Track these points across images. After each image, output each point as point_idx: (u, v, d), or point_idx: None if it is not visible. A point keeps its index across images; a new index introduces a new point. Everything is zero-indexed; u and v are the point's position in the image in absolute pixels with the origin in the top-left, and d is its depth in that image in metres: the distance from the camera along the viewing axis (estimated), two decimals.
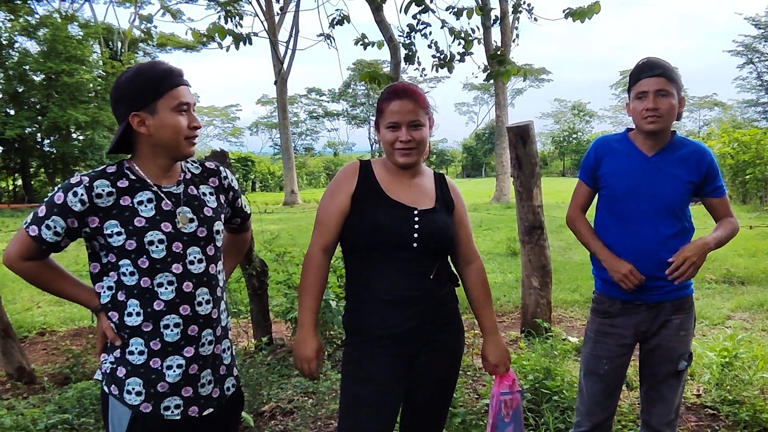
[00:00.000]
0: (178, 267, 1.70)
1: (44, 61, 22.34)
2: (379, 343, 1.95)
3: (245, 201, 2.06)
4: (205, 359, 1.77)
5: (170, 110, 1.68)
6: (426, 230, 1.93)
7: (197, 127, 1.73)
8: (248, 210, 2.08)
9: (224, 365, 1.85)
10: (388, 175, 2.01)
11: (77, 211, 1.62)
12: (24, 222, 1.66)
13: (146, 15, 5.51)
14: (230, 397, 1.88)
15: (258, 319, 4.74)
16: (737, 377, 3.65)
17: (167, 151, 1.72)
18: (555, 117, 60.10)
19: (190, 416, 1.74)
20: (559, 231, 10.58)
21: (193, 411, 1.75)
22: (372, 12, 4.77)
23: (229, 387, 1.87)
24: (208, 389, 1.79)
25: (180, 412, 1.73)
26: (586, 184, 2.43)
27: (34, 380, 4.19)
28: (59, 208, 1.62)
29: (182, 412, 1.73)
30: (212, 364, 1.80)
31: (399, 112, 1.91)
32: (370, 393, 1.93)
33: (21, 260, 1.67)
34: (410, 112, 1.91)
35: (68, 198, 1.61)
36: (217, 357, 1.81)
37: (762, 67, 45.35)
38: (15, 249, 1.66)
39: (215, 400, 1.81)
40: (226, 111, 59.11)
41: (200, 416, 1.76)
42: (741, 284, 7.06)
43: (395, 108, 1.92)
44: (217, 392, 1.82)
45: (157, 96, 1.67)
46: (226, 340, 1.86)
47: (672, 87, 2.20)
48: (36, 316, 6.21)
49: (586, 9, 4.22)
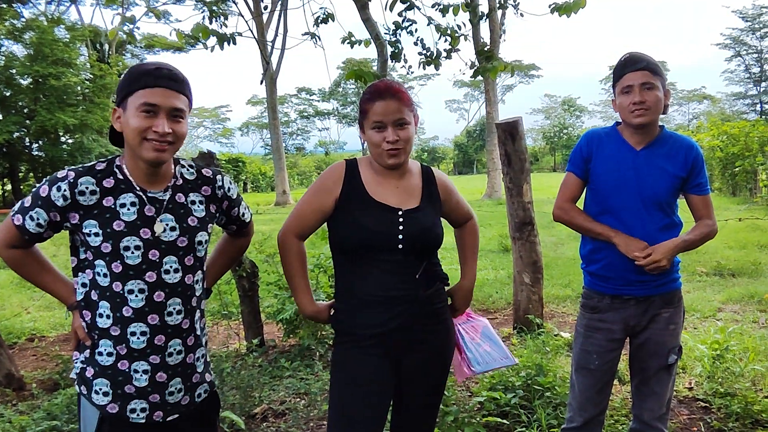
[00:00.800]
0: (151, 275, 1.67)
1: (31, 64, 22.15)
2: (364, 343, 1.94)
3: (245, 209, 2.00)
4: (174, 368, 1.74)
5: (134, 109, 1.63)
6: (411, 231, 1.92)
7: (159, 132, 1.61)
8: (247, 218, 2.02)
9: (197, 373, 1.82)
10: (374, 175, 2.00)
11: (59, 206, 1.63)
12: (12, 209, 1.69)
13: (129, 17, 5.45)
14: (201, 402, 1.85)
15: (249, 320, 4.71)
16: (728, 369, 3.66)
17: (134, 152, 1.67)
18: (545, 112, 60.28)
19: (154, 420, 1.73)
20: (551, 227, 10.61)
21: (158, 416, 1.74)
22: (358, 10, 4.75)
23: (200, 393, 1.84)
24: (178, 397, 1.76)
25: (145, 416, 1.72)
26: (577, 176, 2.40)
27: (23, 387, 4.15)
28: (43, 201, 1.63)
29: (147, 416, 1.72)
30: (183, 373, 1.77)
31: (383, 113, 1.89)
32: (356, 395, 1.93)
33: (5, 247, 1.70)
34: (395, 112, 1.89)
35: (52, 192, 1.62)
36: (189, 366, 1.78)
37: (750, 60, 45.70)
38: (1, 236, 1.69)
39: (184, 406, 1.79)
40: (217, 112, 58.85)
41: (164, 421, 1.75)
42: (731, 276, 7.10)
43: (379, 109, 1.89)
44: (187, 399, 1.80)
45: (128, 93, 1.64)
46: (200, 348, 1.83)
47: (657, 80, 2.19)
48: (25, 322, 6.14)
49: (572, 3, 4.22)
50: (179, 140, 1.68)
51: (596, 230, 2.32)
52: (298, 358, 4.41)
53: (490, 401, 3.30)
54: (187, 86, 1.71)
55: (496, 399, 3.29)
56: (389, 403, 2.03)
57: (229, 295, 4.88)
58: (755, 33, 43.39)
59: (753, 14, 41.83)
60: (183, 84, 1.69)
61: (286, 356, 4.46)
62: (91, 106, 23.65)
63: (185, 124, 1.70)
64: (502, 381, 3.46)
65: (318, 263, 4.57)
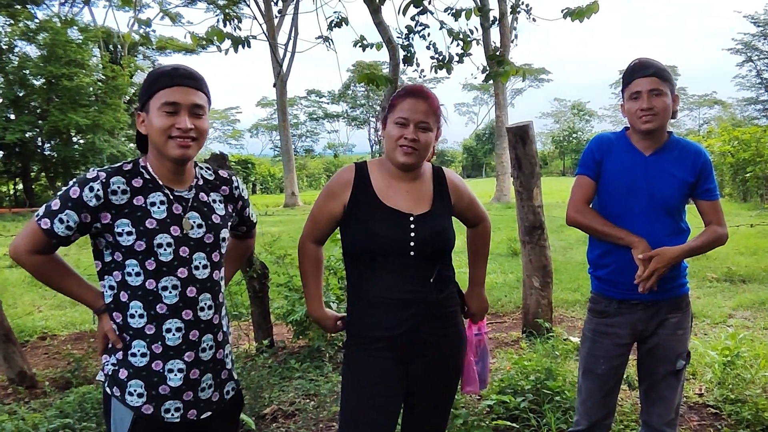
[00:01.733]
0: (183, 271, 1.71)
1: (44, 65, 22.39)
2: (374, 345, 1.95)
3: (252, 210, 2.07)
4: (206, 364, 1.77)
5: (156, 110, 1.68)
6: (422, 236, 1.93)
7: (182, 129, 1.66)
8: (254, 219, 2.08)
9: (226, 370, 1.86)
10: (385, 178, 2.00)
11: (92, 206, 1.63)
12: (35, 214, 1.68)
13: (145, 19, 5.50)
14: (229, 399, 1.89)
15: (259, 321, 4.74)
16: (739, 376, 3.64)
17: (160, 152, 1.72)
18: (555, 117, 60.15)
19: (188, 419, 1.76)
20: (560, 231, 10.59)
21: (192, 414, 1.76)
22: (370, 14, 4.77)
23: (228, 390, 1.88)
24: (209, 393, 1.80)
25: (180, 415, 1.74)
26: (590, 177, 2.35)
27: (36, 385, 4.19)
28: (74, 203, 1.63)
29: (181, 415, 1.75)
30: (213, 369, 1.80)
31: (410, 110, 1.91)
32: (362, 397, 1.95)
33: (30, 254, 1.68)
34: (421, 113, 1.91)
35: (84, 192, 1.63)
36: (219, 362, 1.82)
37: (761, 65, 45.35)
38: (24, 242, 1.67)
39: (214, 403, 1.82)
40: (226, 113, 59.08)
41: (198, 419, 1.78)
42: (742, 282, 7.06)
43: (408, 105, 1.92)
44: (217, 396, 1.83)
45: (150, 96, 1.69)
46: (227, 345, 1.88)
47: (665, 86, 2.20)
48: (37, 321, 6.21)
49: (585, 9, 4.23)
50: (202, 136, 1.72)
51: (617, 235, 2.25)
52: (307, 359, 4.43)
53: (499, 405, 3.31)
54: (204, 84, 1.76)
55: (506, 403, 3.30)
56: (398, 406, 2.03)
57: (240, 296, 4.91)
58: (767, 38, 43.10)
59: (765, 19, 41.54)
60: (200, 82, 1.74)
61: (295, 357, 4.49)
62: (103, 106, 23.87)
63: (206, 120, 1.75)
64: (512, 385, 3.47)
65: (328, 265, 4.59)
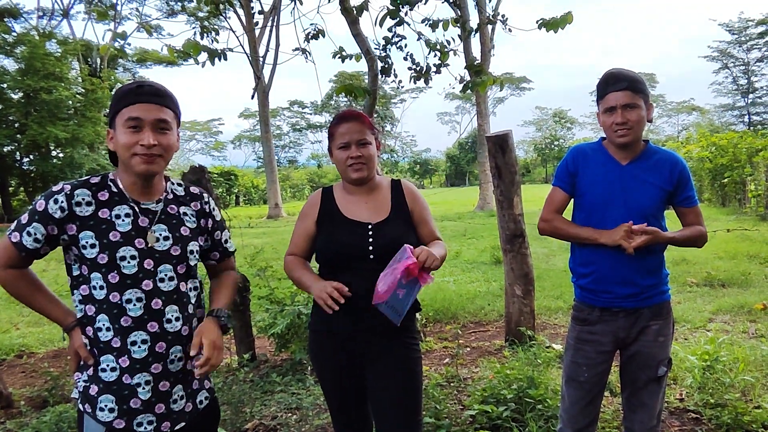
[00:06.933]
0: (148, 284, 1.72)
1: (22, 78, 22.13)
2: (328, 342, 2.19)
3: (229, 237, 2.04)
4: (175, 375, 1.77)
5: (121, 126, 1.70)
6: (380, 242, 2.12)
7: (145, 145, 1.68)
8: (231, 247, 2.04)
9: (196, 380, 1.86)
10: (346, 195, 2.26)
11: (57, 218, 1.66)
12: (8, 229, 1.71)
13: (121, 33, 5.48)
14: (203, 409, 1.89)
15: (240, 335, 4.70)
16: (719, 380, 3.67)
17: (127, 167, 1.74)
18: (537, 124, 60.77)
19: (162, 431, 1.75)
20: (543, 238, 10.62)
21: (166, 426, 1.76)
22: (348, 25, 4.78)
23: (201, 400, 1.88)
24: (181, 404, 1.80)
25: (153, 428, 1.73)
26: (564, 190, 2.42)
27: (12, 404, 4.10)
28: (40, 215, 1.66)
29: (155, 428, 1.74)
30: (184, 380, 1.80)
31: (347, 133, 2.16)
32: (325, 388, 2.29)
33: (2, 268, 1.70)
34: (357, 132, 2.16)
35: (49, 205, 1.67)
36: (189, 372, 1.82)
37: (737, 72, 46.29)
38: None
39: (188, 414, 1.82)
40: (209, 125, 58.93)
41: (172, 431, 1.77)
42: (721, 287, 7.13)
43: (344, 129, 2.17)
44: (190, 406, 1.83)
45: (116, 113, 1.72)
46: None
47: (638, 98, 2.23)
48: (14, 338, 6.09)
49: (559, 19, 4.27)
50: (167, 152, 1.74)
51: (582, 235, 2.34)
52: (289, 372, 4.39)
53: (482, 414, 3.30)
54: (170, 100, 1.77)
55: (488, 412, 3.29)
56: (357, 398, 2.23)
57: None
58: (742, 45, 44.03)
59: (739, 27, 42.45)
60: (166, 98, 1.76)
61: (277, 371, 4.44)
62: (82, 120, 23.62)
63: (172, 135, 1.76)
64: (494, 394, 3.46)
65: None
